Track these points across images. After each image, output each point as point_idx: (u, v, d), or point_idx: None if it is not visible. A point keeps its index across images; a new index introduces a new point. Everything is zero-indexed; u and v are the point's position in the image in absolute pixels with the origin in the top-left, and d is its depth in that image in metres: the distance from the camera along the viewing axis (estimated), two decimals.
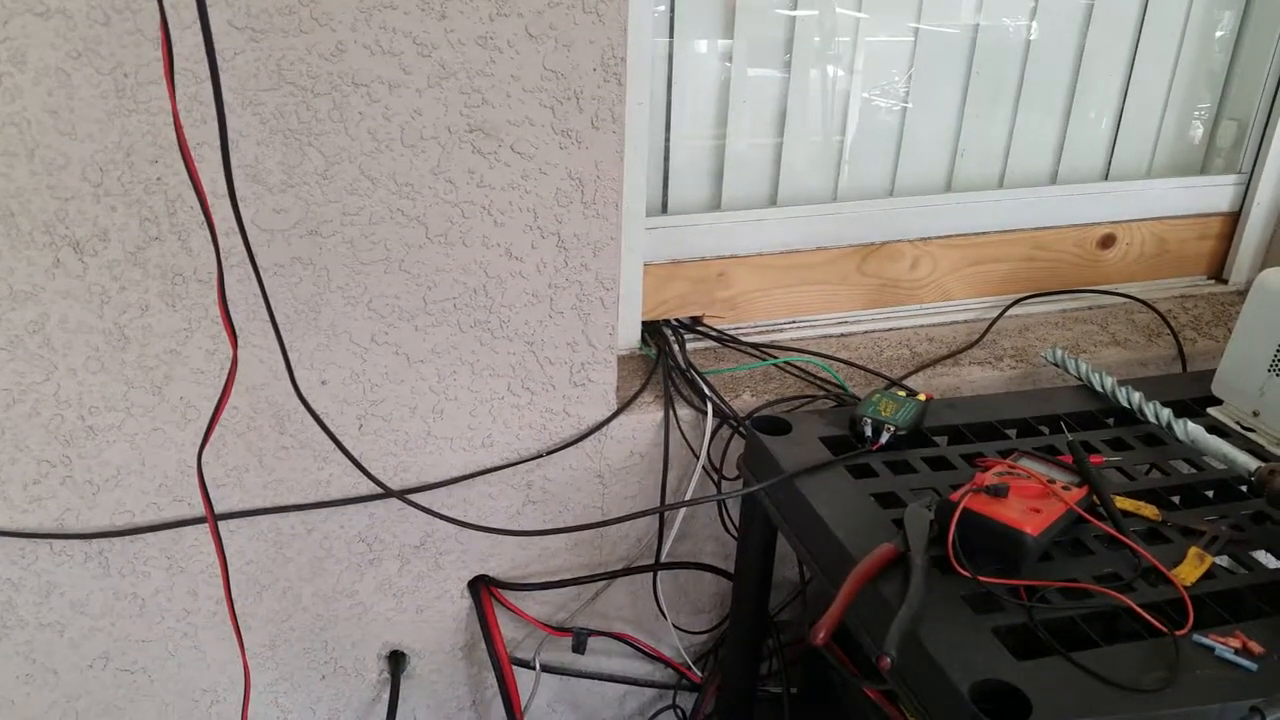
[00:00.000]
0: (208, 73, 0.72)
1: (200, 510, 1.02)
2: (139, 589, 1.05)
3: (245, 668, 1.03)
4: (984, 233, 1.38)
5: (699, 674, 1.32)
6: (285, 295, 0.96)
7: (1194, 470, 1.01)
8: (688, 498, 1.19)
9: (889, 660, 0.71)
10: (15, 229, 0.86)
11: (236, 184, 0.88)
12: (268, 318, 0.89)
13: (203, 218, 0.88)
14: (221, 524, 1.03)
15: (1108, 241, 1.45)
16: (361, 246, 0.96)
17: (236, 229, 0.82)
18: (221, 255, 0.81)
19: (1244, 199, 1.48)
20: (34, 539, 0.98)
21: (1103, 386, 1.12)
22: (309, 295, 0.97)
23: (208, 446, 0.96)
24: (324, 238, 0.94)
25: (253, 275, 0.86)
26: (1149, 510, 0.91)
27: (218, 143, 0.76)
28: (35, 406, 0.93)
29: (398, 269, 0.98)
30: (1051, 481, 0.88)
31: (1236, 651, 0.74)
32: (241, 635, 1.00)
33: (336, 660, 1.17)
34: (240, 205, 0.82)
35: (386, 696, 1.20)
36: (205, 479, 0.92)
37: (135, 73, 0.84)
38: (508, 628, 1.21)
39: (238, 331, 0.95)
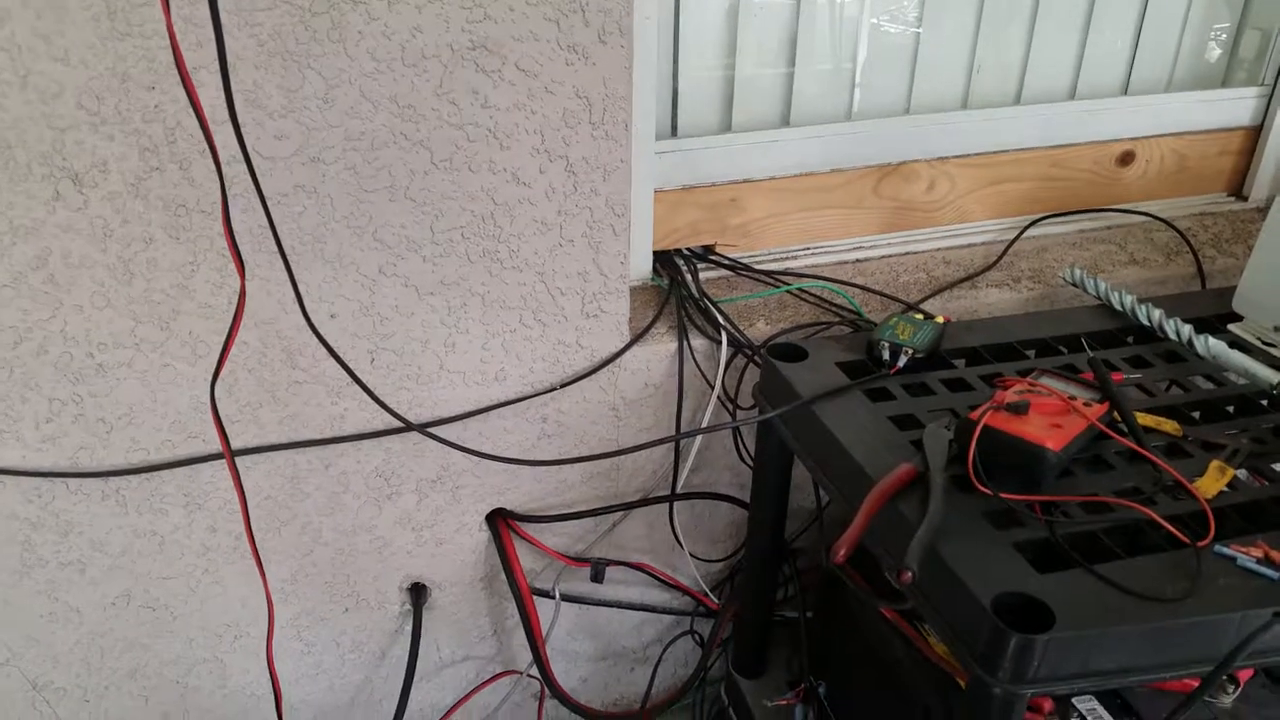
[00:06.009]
0: None
1: (215, 447, 1.02)
2: (157, 526, 1.05)
3: (269, 602, 1.04)
4: (1001, 151, 1.35)
5: (716, 601, 1.33)
6: (290, 226, 0.94)
7: (1214, 386, 0.99)
8: (703, 427, 1.19)
9: (910, 574, 0.71)
10: (12, 161, 0.84)
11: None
12: (274, 249, 0.88)
13: (203, 145, 0.86)
14: (237, 460, 1.03)
15: (1126, 159, 1.42)
16: (365, 173, 0.94)
17: (239, 156, 0.80)
18: (225, 183, 0.79)
19: (1266, 112, 1.44)
20: (49, 478, 0.98)
21: (1122, 305, 1.10)
22: (313, 226, 0.95)
23: (219, 383, 0.96)
24: (326, 164, 0.92)
25: (257, 205, 0.84)
26: (1170, 426, 0.90)
27: (215, 67, 0.74)
28: (43, 344, 0.92)
29: (403, 197, 0.96)
30: (1072, 398, 0.87)
31: (1259, 561, 0.73)
32: (264, 570, 1.00)
33: (358, 593, 1.18)
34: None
35: (409, 628, 1.21)
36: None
37: None
38: (527, 559, 1.22)
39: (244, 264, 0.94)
